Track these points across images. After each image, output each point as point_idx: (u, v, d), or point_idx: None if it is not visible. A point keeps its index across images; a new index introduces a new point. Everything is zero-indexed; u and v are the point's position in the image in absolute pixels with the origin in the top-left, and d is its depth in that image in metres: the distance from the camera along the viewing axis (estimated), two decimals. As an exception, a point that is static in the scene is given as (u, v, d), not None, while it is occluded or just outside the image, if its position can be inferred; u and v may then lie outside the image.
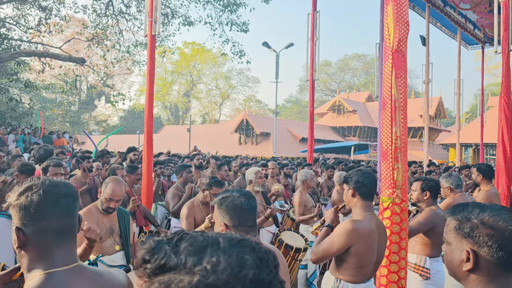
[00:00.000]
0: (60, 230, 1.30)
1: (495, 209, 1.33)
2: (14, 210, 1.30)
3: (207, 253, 0.62)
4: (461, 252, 1.33)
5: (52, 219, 1.29)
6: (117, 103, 19.35)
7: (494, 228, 1.27)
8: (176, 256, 0.61)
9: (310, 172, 5.62)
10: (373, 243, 2.60)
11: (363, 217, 2.62)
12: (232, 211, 1.97)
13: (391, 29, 2.94)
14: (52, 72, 26.99)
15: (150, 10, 5.37)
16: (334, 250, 2.61)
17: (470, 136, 26.52)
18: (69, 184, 1.39)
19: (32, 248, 1.28)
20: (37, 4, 18.00)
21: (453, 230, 1.37)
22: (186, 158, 8.89)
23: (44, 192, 1.29)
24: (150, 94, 5.42)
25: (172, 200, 5.25)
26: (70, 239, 1.34)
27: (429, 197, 3.54)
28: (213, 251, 0.62)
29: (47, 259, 1.28)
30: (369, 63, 67.40)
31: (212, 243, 0.64)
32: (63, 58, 17.57)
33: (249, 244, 0.65)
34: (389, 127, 2.88)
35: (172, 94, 65.62)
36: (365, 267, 2.62)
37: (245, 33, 19.18)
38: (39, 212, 1.27)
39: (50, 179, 1.35)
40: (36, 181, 1.33)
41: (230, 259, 0.61)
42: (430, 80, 11.72)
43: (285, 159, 19.85)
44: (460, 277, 1.35)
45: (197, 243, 0.64)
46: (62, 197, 1.32)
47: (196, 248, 0.62)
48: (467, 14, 12.63)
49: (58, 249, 1.29)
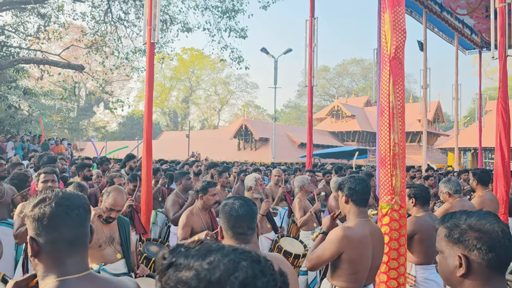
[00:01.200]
0: (72, 240, 1.36)
1: (481, 213, 1.38)
2: (29, 220, 1.36)
3: (210, 256, 0.72)
4: (453, 258, 1.36)
5: (63, 230, 1.35)
6: (115, 110, 19.35)
7: (482, 230, 1.31)
8: (185, 257, 0.73)
9: (306, 177, 5.66)
10: (365, 249, 2.61)
11: (356, 224, 2.64)
12: (224, 216, 2.06)
13: (388, 36, 2.97)
14: (51, 79, 27.00)
15: (149, 17, 5.40)
16: (326, 257, 2.64)
17: (469, 140, 26.57)
18: (81, 196, 1.45)
19: (45, 257, 1.34)
20: (36, 12, 18.04)
21: (444, 238, 1.41)
22: (185, 164, 8.88)
23: (56, 204, 1.35)
24: (149, 101, 5.43)
25: (172, 207, 5.25)
26: (81, 249, 1.40)
27: (416, 204, 3.50)
28: (215, 255, 0.72)
29: (60, 267, 1.34)
30: (367, 68, 67.59)
31: (218, 250, 0.74)
32: (62, 65, 17.59)
33: (253, 255, 0.73)
34: (387, 134, 2.90)
35: (171, 100, 65.73)
36: (359, 273, 2.63)
37: (244, 39, 19.23)
38: (51, 223, 1.34)
39: (64, 191, 1.42)
40: (49, 193, 1.39)
41: (228, 261, 0.71)
42: (428, 85, 11.76)
43: (284, 164, 19.86)
44: (455, 284, 1.37)
45: (205, 248, 0.75)
46: (74, 209, 1.38)
47: (202, 252, 0.74)
48: (464, 19, 12.69)
49: (70, 258, 1.35)
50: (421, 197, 3.50)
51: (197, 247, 0.76)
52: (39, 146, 15.41)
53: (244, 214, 2.03)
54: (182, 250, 0.76)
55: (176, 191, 5.57)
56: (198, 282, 0.69)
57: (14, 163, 7.02)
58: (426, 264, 3.34)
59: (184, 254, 0.74)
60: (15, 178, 5.23)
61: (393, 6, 2.99)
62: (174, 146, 35.48)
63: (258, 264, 0.72)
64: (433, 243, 3.31)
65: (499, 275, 1.31)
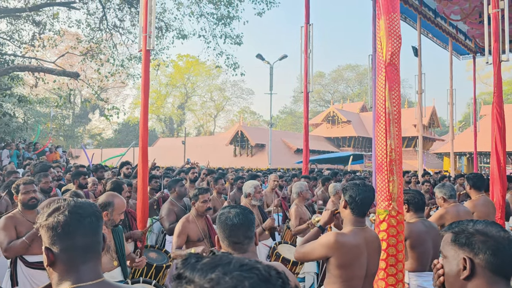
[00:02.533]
0: (85, 248, 1.39)
1: (488, 222, 1.41)
2: (43, 230, 1.39)
3: (214, 271, 0.70)
4: (457, 262, 1.36)
5: (77, 238, 1.38)
6: (111, 117, 19.30)
7: (488, 235, 1.33)
8: (191, 270, 0.72)
9: (305, 183, 5.65)
10: (358, 257, 2.60)
11: (350, 231, 2.64)
12: (220, 226, 2.05)
13: (383, 42, 2.97)
14: (46, 87, 26.91)
15: (144, 24, 5.39)
16: (314, 256, 2.68)
17: (464, 145, 26.67)
18: (93, 204, 1.48)
19: (60, 265, 1.37)
20: (31, 19, 18.02)
21: (449, 243, 1.41)
22: (181, 172, 8.85)
23: (69, 212, 1.38)
24: (145, 108, 5.41)
25: (168, 216, 5.20)
26: (95, 256, 1.42)
27: (409, 210, 3.47)
28: (219, 271, 0.70)
29: (74, 275, 1.36)
30: (362, 73, 67.88)
31: (224, 264, 0.72)
32: (57, 73, 17.53)
33: (261, 274, 0.70)
34: (384, 139, 2.90)
35: (166, 107, 65.62)
36: (353, 280, 2.62)
37: (239, 45, 19.27)
38: (65, 231, 1.37)
39: (76, 200, 1.45)
40: (62, 202, 1.42)
41: (230, 279, 0.68)
42: (423, 90, 11.80)
43: (280, 170, 19.85)
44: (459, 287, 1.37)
45: (212, 262, 0.73)
46: (86, 217, 1.41)
47: (208, 266, 0.72)
48: (458, 25, 12.79)
49: (83, 265, 1.38)
50: (414, 203, 3.47)
51: (207, 259, 0.75)
52: (35, 154, 15.32)
53: (240, 223, 2.00)
54: (192, 261, 0.75)
55: (170, 199, 5.54)
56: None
57: (9, 171, 6.96)
58: (420, 272, 3.31)
59: (191, 266, 0.74)
60: (10, 186, 5.18)
61: (388, 13, 3.00)
62: (170, 153, 35.37)
63: (265, 283, 0.69)
64: (426, 249, 3.31)
65: (504, 280, 1.31)
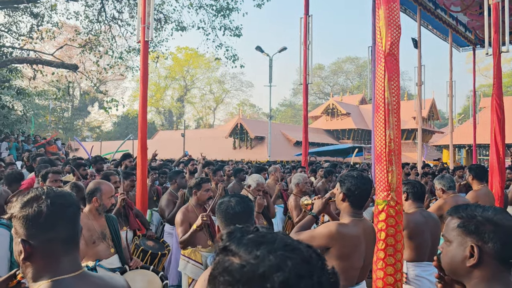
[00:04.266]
0: (67, 239, 1.33)
1: (497, 209, 1.39)
2: (19, 221, 1.29)
3: (259, 248, 0.72)
4: (464, 248, 1.36)
5: (60, 229, 1.31)
6: (110, 109, 19.27)
7: (499, 225, 1.32)
8: (237, 244, 0.74)
9: (304, 175, 5.65)
10: (357, 247, 2.60)
11: (350, 222, 2.63)
12: (221, 215, 2.04)
13: (383, 32, 2.96)
14: (44, 79, 26.82)
15: (142, 16, 5.37)
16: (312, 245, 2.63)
17: (463, 137, 26.67)
18: (72, 194, 1.41)
19: (39, 258, 1.29)
20: (29, 11, 17.90)
21: (456, 229, 1.40)
22: (181, 163, 8.85)
23: (51, 202, 1.30)
24: (144, 99, 5.41)
25: (167, 207, 5.22)
26: (74, 247, 1.37)
27: (407, 199, 3.48)
28: (264, 248, 0.72)
29: (54, 268, 1.30)
30: (362, 66, 67.69)
31: (268, 242, 0.73)
32: (55, 65, 17.48)
33: (303, 254, 0.73)
34: (383, 130, 2.89)
35: (166, 100, 65.50)
36: (350, 271, 2.62)
37: (238, 37, 19.18)
38: (47, 222, 1.29)
39: (54, 189, 1.37)
40: (40, 191, 1.33)
41: (274, 258, 0.70)
42: (423, 82, 11.78)
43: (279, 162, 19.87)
44: (463, 274, 1.38)
45: (257, 238, 0.75)
46: (68, 207, 1.34)
47: (254, 242, 0.74)
48: (458, 16, 12.73)
49: (64, 257, 1.32)
50: (413, 192, 3.47)
51: (252, 235, 0.76)
52: (34, 146, 15.32)
53: (242, 211, 2.03)
54: (238, 235, 0.77)
55: (170, 190, 5.55)
56: (240, 275, 0.70)
57: (7, 163, 6.97)
58: (418, 261, 3.32)
59: (237, 240, 0.75)
60: (7, 178, 5.18)
61: (388, 2, 2.98)
62: (169, 146, 35.35)
63: (307, 265, 0.71)
64: (424, 240, 3.33)
65: (508, 270, 1.32)
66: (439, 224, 3.50)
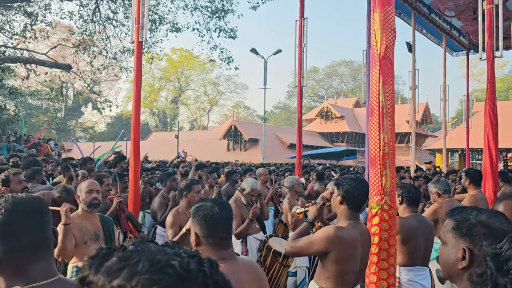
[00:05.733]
0: (33, 246, 1.28)
1: (492, 212, 1.40)
2: None
3: (119, 275, 0.59)
4: (457, 251, 1.36)
5: (22, 237, 1.26)
6: (103, 110, 19.17)
7: (491, 228, 1.33)
8: (95, 272, 0.62)
9: (296, 177, 5.64)
10: (355, 251, 2.58)
11: (348, 225, 2.60)
12: (203, 221, 1.90)
13: (378, 36, 2.95)
14: (38, 79, 26.64)
15: (137, 16, 5.33)
16: (312, 251, 2.62)
17: (456, 141, 26.80)
18: (37, 197, 1.37)
19: (6, 268, 1.26)
20: (23, 10, 17.77)
21: (450, 230, 1.41)
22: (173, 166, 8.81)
23: (8, 210, 1.26)
24: (137, 100, 5.36)
25: (159, 209, 5.18)
26: (46, 254, 1.31)
27: (402, 202, 3.44)
28: (125, 275, 0.59)
29: (24, 276, 1.25)
30: (356, 69, 67.98)
31: (131, 265, 0.60)
32: (49, 65, 17.35)
33: (174, 271, 0.59)
34: (377, 133, 2.88)
35: (160, 101, 65.30)
36: (348, 275, 2.60)
37: (233, 39, 19.18)
38: (6, 231, 1.25)
39: (15, 196, 1.32)
40: (0, 199, 1.30)
41: (135, 287, 0.57)
42: (417, 86, 11.83)
43: (273, 165, 19.84)
44: (455, 275, 1.39)
45: (118, 263, 0.62)
46: (30, 213, 1.29)
47: (113, 268, 0.61)
48: (452, 21, 12.81)
49: (33, 265, 1.27)
50: (408, 196, 3.43)
51: (114, 259, 0.63)
52: (26, 147, 15.16)
53: (227, 217, 1.92)
54: (96, 261, 0.64)
55: (162, 192, 5.52)
56: None
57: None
58: (411, 266, 3.30)
59: (95, 268, 0.63)
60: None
61: (383, 6, 2.98)
62: (163, 147, 35.24)
63: (181, 283, 0.58)
64: (417, 245, 3.31)
65: None
66: (433, 229, 3.49)
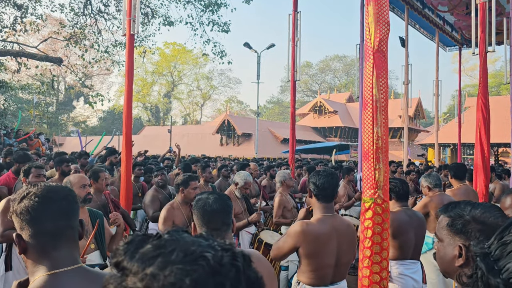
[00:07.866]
0: (55, 233, 1.34)
1: (486, 206, 1.38)
2: (14, 217, 1.36)
3: (152, 264, 0.59)
4: (453, 248, 1.35)
5: (45, 223, 1.33)
6: (95, 104, 19.01)
7: (485, 223, 1.32)
8: (129, 259, 0.62)
9: (287, 172, 5.65)
10: (325, 245, 2.61)
11: (317, 219, 2.66)
12: (202, 212, 1.99)
13: (372, 29, 2.93)
14: (28, 72, 26.33)
15: (128, 8, 5.26)
16: (285, 250, 2.67)
17: (448, 136, 27.00)
18: (66, 188, 1.44)
19: (32, 252, 1.33)
20: (13, 2, 17.52)
21: (445, 227, 1.40)
22: (166, 159, 8.77)
23: (37, 197, 1.34)
24: (129, 94, 5.31)
25: (152, 204, 5.14)
26: (68, 242, 1.37)
27: (391, 198, 3.42)
28: (158, 264, 0.59)
29: (47, 262, 1.32)
30: (349, 64, 68.09)
31: (165, 254, 0.60)
32: (39, 58, 17.17)
33: (207, 263, 0.58)
34: (370, 127, 2.87)
35: (152, 95, 64.94)
36: (321, 270, 2.63)
37: (226, 33, 19.10)
38: (32, 216, 1.32)
39: (47, 184, 1.40)
40: (31, 187, 1.38)
41: (168, 276, 0.56)
42: (410, 81, 11.86)
43: (266, 159, 19.84)
44: (452, 273, 1.38)
45: (153, 250, 0.62)
46: (55, 201, 1.36)
47: (147, 256, 0.61)
48: (445, 16, 12.84)
49: (55, 251, 1.33)
50: (397, 191, 3.44)
51: (149, 246, 0.63)
52: (16, 141, 14.99)
53: (219, 208, 1.98)
54: (132, 247, 0.64)
55: (155, 187, 5.50)
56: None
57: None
58: (401, 260, 3.31)
59: (130, 254, 0.62)
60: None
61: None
62: (155, 141, 35.08)
63: (214, 276, 0.57)
64: (408, 239, 3.32)
65: None
66: (423, 222, 3.50)
